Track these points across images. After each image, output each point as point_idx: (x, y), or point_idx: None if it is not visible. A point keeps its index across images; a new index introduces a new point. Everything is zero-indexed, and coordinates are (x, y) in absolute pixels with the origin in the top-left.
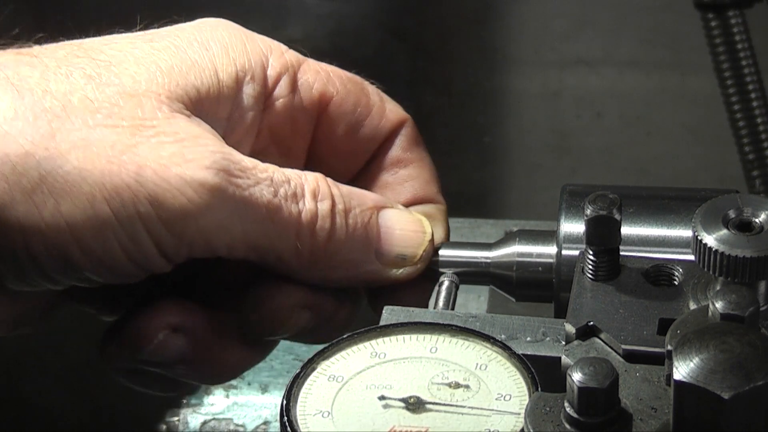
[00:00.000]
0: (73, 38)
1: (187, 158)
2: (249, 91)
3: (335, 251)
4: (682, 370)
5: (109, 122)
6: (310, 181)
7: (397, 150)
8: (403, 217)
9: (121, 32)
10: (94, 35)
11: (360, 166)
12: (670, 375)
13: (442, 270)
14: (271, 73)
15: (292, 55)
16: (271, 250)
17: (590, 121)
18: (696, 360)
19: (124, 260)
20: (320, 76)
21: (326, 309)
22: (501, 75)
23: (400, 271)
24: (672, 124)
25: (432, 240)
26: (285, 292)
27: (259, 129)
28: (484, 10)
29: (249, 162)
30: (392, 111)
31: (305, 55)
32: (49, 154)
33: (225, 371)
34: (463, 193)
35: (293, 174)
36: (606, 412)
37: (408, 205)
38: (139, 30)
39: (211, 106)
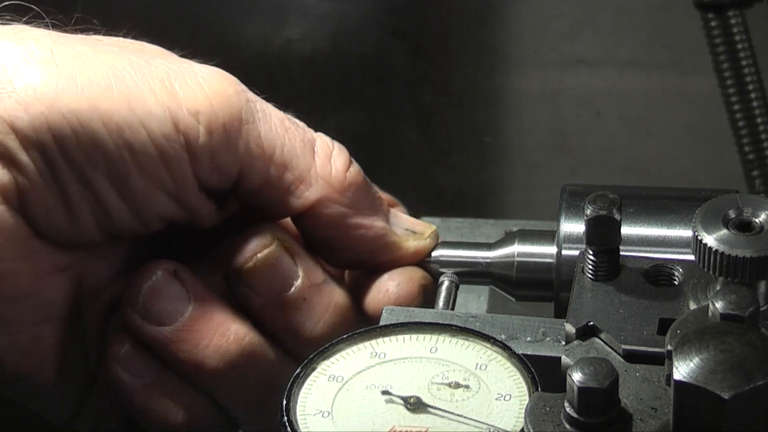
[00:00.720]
0: None
1: (191, 64)
2: None
3: (354, 183)
4: (682, 370)
5: (117, 44)
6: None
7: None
8: (403, 214)
9: None
10: None
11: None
12: (670, 375)
13: (442, 270)
14: None
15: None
16: (291, 164)
17: (590, 121)
18: (696, 360)
19: (149, 145)
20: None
21: (310, 263)
22: (501, 75)
23: (411, 242)
24: (672, 124)
25: (437, 232)
26: (265, 227)
27: None
28: (484, 10)
29: (262, 102)
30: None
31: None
32: (61, 43)
33: (234, 344)
34: (463, 193)
35: None
36: (606, 412)
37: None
38: None
39: None
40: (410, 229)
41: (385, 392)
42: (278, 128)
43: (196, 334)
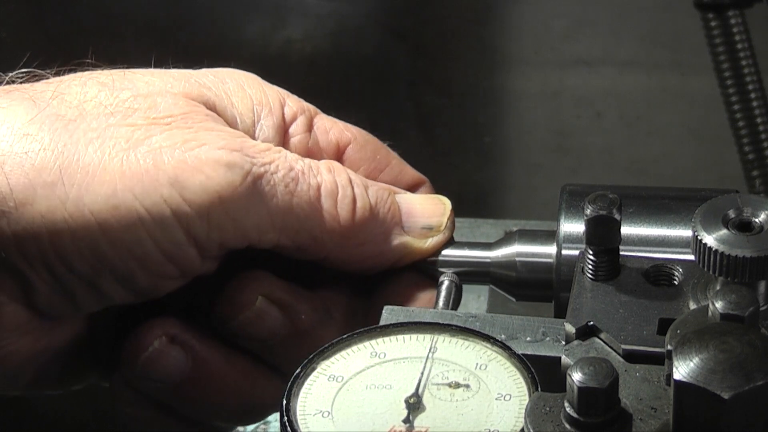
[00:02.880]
0: None
1: (200, 142)
2: (267, 122)
3: (363, 222)
4: (682, 370)
5: (124, 122)
6: (323, 161)
7: None
8: (419, 196)
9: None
10: None
11: None
12: (670, 375)
13: (442, 270)
14: (288, 111)
15: (308, 104)
16: (301, 228)
17: (590, 121)
18: (696, 360)
19: (155, 251)
20: (336, 125)
21: (298, 312)
22: (501, 75)
23: (428, 241)
24: (672, 124)
25: (452, 210)
26: (253, 283)
27: None
28: (484, 10)
29: (263, 145)
30: (411, 172)
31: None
32: (66, 149)
33: (234, 397)
34: (463, 193)
35: (305, 158)
36: (606, 412)
37: None
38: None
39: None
40: (427, 226)
41: (381, 399)
42: (283, 195)
43: (194, 393)
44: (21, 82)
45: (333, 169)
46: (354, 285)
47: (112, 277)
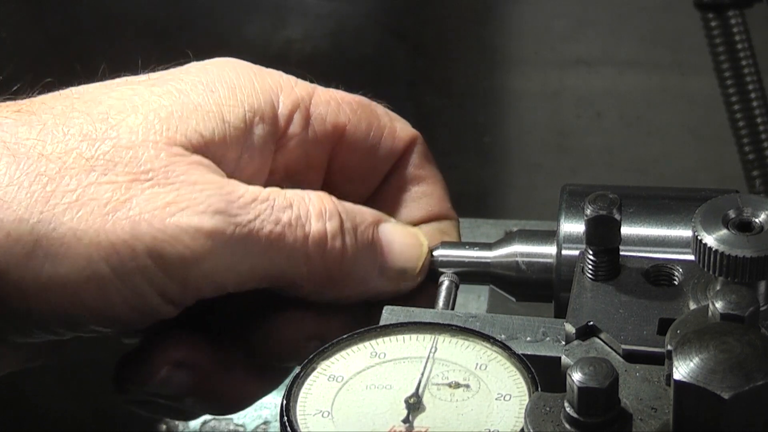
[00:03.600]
0: (81, 82)
1: (181, 206)
2: (259, 131)
3: (348, 269)
4: (682, 370)
5: (104, 179)
6: (315, 201)
7: (410, 168)
8: (400, 231)
9: (126, 76)
10: (100, 79)
11: (374, 187)
12: (670, 375)
13: (442, 270)
14: (283, 111)
15: (302, 88)
16: (281, 277)
17: (590, 121)
18: (696, 360)
19: (129, 313)
20: (331, 107)
21: (335, 336)
22: (501, 75)
23: (401, 285)
24: (672, 124)
25: (429, 252)
26: (295, 324)
27: (272, 168)
28: (484, 10)
29: (249, 195)
30: (403, 130)
31: (312, 81)
32: (43, 217)
33: (234, 402)
34: (463, 193)
35: (296, 196)
36: (606, 412)
37: (422, 221)
38: (147, 72)
39: (218, 149)
40: (402, 270)
41: (381, 399)
42: (267, 251)
43: (198, 400)
44: (3, 99)
45: (325, 211)
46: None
47: (82, 329)
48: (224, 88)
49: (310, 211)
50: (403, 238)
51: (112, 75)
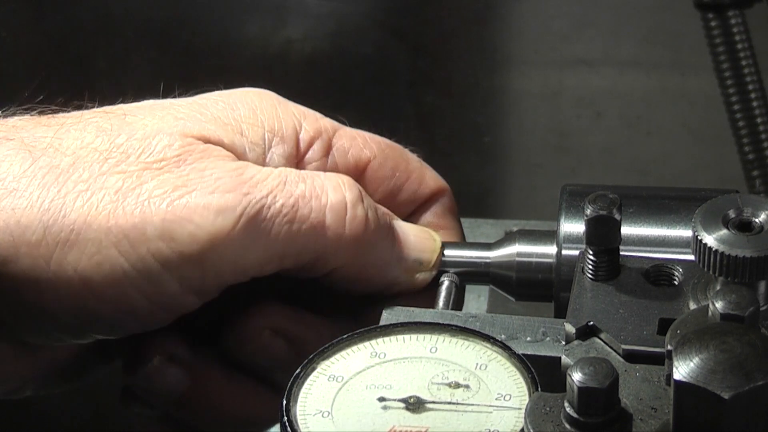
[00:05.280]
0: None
1: (189, 189)
2: (278, 151)
3: (371, 241)
4: (682, 370)
5: (117, 169)
6: (330, 176)
7: (430, 216)
8: (413, 226)
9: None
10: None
11: None
12: (670, 375)
13: (442, 270)
14: (304, 136)
15: (327, 121)
16: (303, 252)
17: (590, 121)
18: (696, 360)
19: (146, 304)
20: (356, 142)
21: (305, 341)
22: (501, 75)
23: (418, 276)
24: (672, 124)
25: (442, 248)
26: (258, 315)
27: None
28: (484, 10)
29: (261, 174)
30: (432, 178)
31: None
32: (53, 204)
33: (234, 415)
34: (463, 193)
35: (310, 173)
36: (606, 412)
37: None
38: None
39: (235, 155)
40: (417, 259)
41: (381, 399)
42: (282, 226)
43: (194, 408)
44: (25, 112)
45: (343, 184)
46: (357, 306)
47: (99, 325)
48: (245, 108)
49: (326, 184)
50: (417, 232)
51: (112, 75)
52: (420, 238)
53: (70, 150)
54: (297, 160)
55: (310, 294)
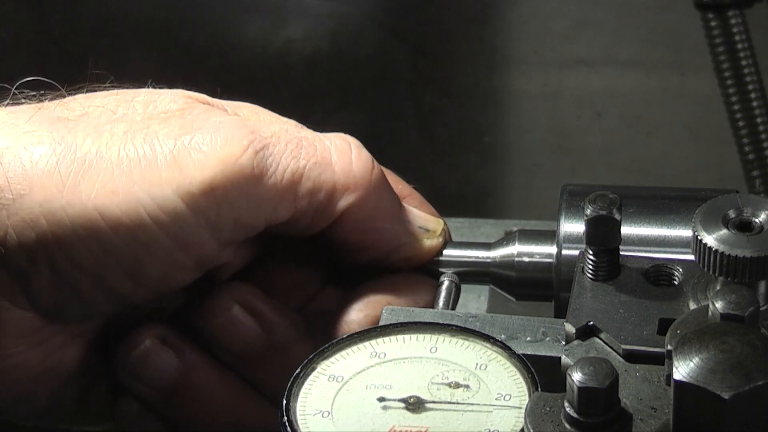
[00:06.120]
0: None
1: (196, 128)
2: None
3: (377, 184)
4: (682, 370)
5: (123, 119)
6: (334, 134)
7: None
8: (416, 205)
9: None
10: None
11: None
12: (670, 375)
13: (442, 270)
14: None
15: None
16: (313, 188)
17: (590, 121)
18: (696, 360)
19: (161, 236)
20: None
21: (275, 323)
22: (501, 75)
23: (426, 242)
24: (672, 124)
25: (446, 228)
26: (228, 290)
27: None
28: (484, 10)
29: (264, 123)
30: (431, 213)
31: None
32: (64, 141)
33: (223, 413)
34: (463, 193)
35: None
36: (606, 412)
37: None
38: None
39: None
40: (423, 227)
41: (381, 399)
42: (289, 161)
43: (183, 402)
44: (31, 92)
45: (345, 137)
46: (342, 306)
47: (118, 269)
48: (247, 110)
49: (328, 135)
50: (419, 205)
51: (112, 74)
52: (424, 213)
53: (78, 108)
54: None
55: (298, 291)
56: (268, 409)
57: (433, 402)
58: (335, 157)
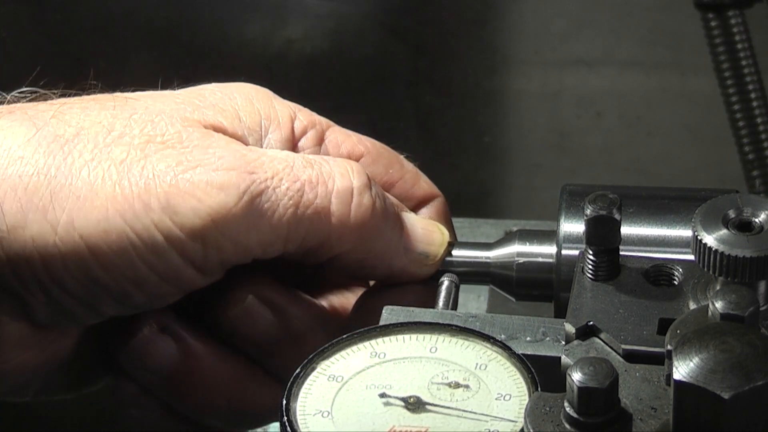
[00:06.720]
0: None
1: (192, 164)
2: (275, 136)
3: (376, 228)
4: (682, 370)
5: (121, 141)
6: (339, 162)
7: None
8: (420, 219)
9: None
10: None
11: None
12: (670, 375)
13: (442, 270)
14: (298, 125)
15: (321, 118)
16: (307, 237)
17: (590, 121)
18: (696, 360)
19: (149, 274)
20: (350, 138)
21: (291, 315)
22: (501, 75)
23: (422, 270)
24: (672, 124)
25: (449, 243)
26: (245, 281)
27: None
28: (484, 10)
29: (266, 157)
30: (427, 183)
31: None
32: (59, 172)
33: (225, 397)
34: (463, 193)
35: (317, 158)
36: (606, 412)
37: None
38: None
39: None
40: (424, 252)
41: (382, 395)
42: (287, 209)
43: (185, 387)
44: (26, 101)
45: (351, 170)
46: (358, 298)
47: (107, 297)
48: (242, 97)
49: (334, 170)
50: (425, 224)
51: (112, 74)
52: (427, 231)
53: (74, 122)
54: (292, 146)
55: (311, 282)
56: (273, 392)
57: (433, 402)
58: (335, 206)
